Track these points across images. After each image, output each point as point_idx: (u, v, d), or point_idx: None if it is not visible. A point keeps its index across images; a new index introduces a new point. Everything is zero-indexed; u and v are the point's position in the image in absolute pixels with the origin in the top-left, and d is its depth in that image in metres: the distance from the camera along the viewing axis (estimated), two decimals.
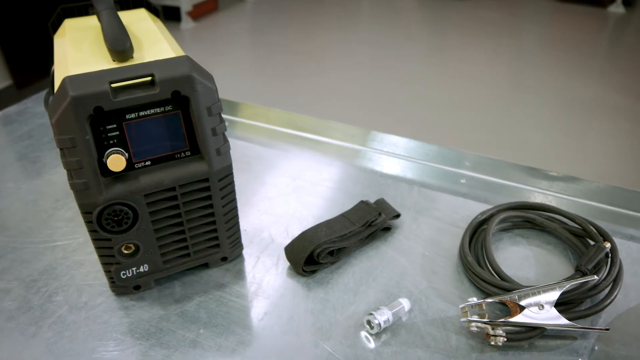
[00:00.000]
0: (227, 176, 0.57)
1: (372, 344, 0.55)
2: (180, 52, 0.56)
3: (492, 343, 0.54)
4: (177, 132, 0.53)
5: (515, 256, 0.66)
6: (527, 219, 0.70)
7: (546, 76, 3.25)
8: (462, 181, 0.80)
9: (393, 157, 0.86)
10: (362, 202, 0.69)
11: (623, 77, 3.24)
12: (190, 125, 0.54)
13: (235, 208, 0.61)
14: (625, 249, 0.68)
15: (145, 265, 0.59)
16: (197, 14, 4.17)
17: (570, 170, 2.26)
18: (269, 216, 0.72)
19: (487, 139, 2.54)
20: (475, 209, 0.73)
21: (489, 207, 0.71)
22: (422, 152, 0.86)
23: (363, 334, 0.56)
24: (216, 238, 0.61)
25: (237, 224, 0.62)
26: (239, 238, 0.64)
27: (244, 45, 3.70)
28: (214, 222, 0.59)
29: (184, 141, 0.54)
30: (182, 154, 0.55)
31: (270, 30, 3.96)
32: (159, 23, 0.67)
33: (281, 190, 0.77)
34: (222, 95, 0.76)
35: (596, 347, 0.56)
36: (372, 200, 0.72)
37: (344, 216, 0.67)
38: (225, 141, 0.55)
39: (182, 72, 0.50)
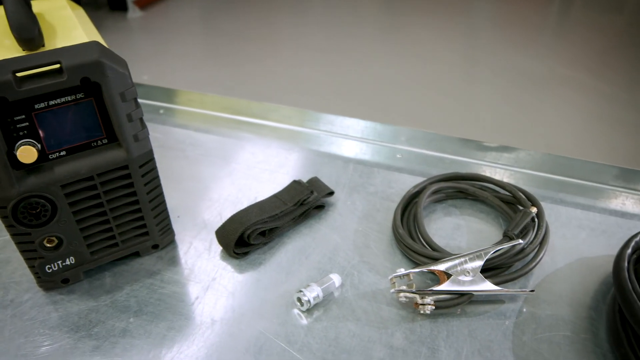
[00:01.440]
0: (148, 162, 0.56)
1: (303, 321, 0.55)
2: (99, 40, 0.54)
3: (422, 312, 0.54)
4: (91, 120, 0.52)
5: (448, 226, 0.67)
6: (460, 189, 0.70)
7: (497, 52, 3.29)
8: (398, 156, 0.80)
9: (329, 135, 0.85)
10: (294, 181, 0.69)
11: (571, 50, 3.30)
12: (105, 112, 0.52)
13: (161, 194, 0.60)
14: (555, 213, 0.70)
15: (71, 257, 0.57)
16: (145, 2, 4.08)
17: (522, 143, 2.31)
18: (202, 201, 0.71)
19: (440, 116, 2.57)
20: (410, 182, 0.73)
21: (424, 180, 0.72)
22: (358, 129, 0.86)
23: (295, 311, 0.56)
24: (144, 226, 0.60)
25: (165, 210, 0.61)
26: (168, 225, 0.63)
27: (194, 33, 3.65)
28: (139, 210, 0.58)
29: (100, 129, 0.53)
30: (99, 142, 0.53)
31: (221, 17, 3.90)
32: (80, 11, 0.65)
33: (215, 174, 0.76)
34: (174, 84, 0.75)
35: (524, 309, 0.57)
36: (306, 179, 0.71)
37: (275, 196, 0.67)
38: (143, 127, 0.54)
39: (91, 58, 0.49)
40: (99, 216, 0.57)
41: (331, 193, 0.69)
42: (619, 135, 2.43)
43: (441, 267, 0.55)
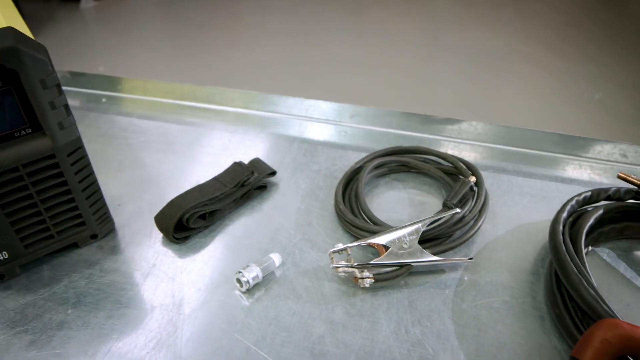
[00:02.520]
0: (76, 150, 0.54)
1: (244, 302, 0.54)
2: (20, 27, 0.52)
3: (361, 286, 0.54)
4: (12, 109, 0.50)
5: (391, 200, 0.67)
6: (402, 162, 0.71)
7: (457, 30, 3.31)
8: (343, 133, 0.80)
9: (274, 116, 0.85)
10: (235, 163, 0.68)
11: (528, 26, 3.34)
12: (26, 100, 0.50)
13: (95, 183, 0.58)
14: (496, 182, 0.70)
15: (4, 252, 0.56)
16: None
17: (479, 118, 2.33)
18: (145, 188, 0.70)
19: (399, 94, 2.57)
20: (354, 159, 0.73)
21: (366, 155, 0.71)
22: (302, 108, 0.85)
23: (236, 293, 0.55)
24: (80, 216, 0.59)
25: (101, 198, 0.60)
26: (106, 213, 0.62)
27: (151, 22, 3.58)
28: (73, 200, 0.57)
29: (22, 118, 0.51)
30: (22, 132, 0.52)
31: (178, 4, 3.83)
32: (6, 1, 0.63)
33: (158, 160, 0.75)
34: (132, 74, 0.72)
35: (465, 278, 0.57)
36: (250, 161, 0.71)
37: (216, 179, 0.66)
38: (69, 114, 0.53)
39: (5, 45, 0.47)
40: (30, 208, 0.55)
41: (273, 173, 0.69)
42: (574, 108, 2.47)
43: (379, 240, 0.55)
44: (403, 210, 0.65)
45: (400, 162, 0.71)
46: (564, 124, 2.30)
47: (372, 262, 0.54)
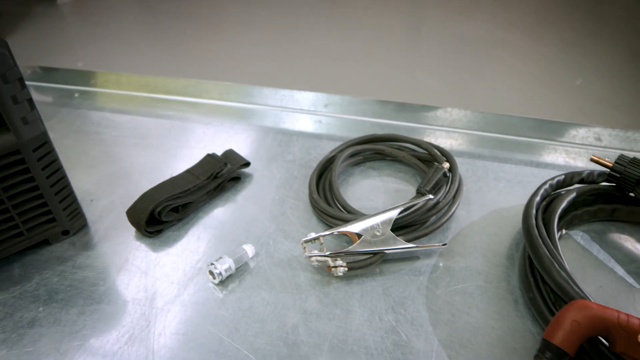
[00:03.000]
0: (42, 145, 0.54)
1: (217, 294, 0.54)
2: None
3: (335, 274, 0.54)
4: None
5: (365, 188, 0.67)
6: (377, 150, 0.70)
7: (438, 18, 3.30)
8: (318, 123, 0.79)
9: (249, 107, 0.84)
10: (208, 155, 0.67)
11: (509, 14, 3.34)
12: None
13: (64, 178, 0.58)
14: (472, 167, 0.70)
15: None
16: None
17: (461, 106, 2.33)
18: (118, 183, 0.69)
19: (382, 83, 2.57)
20: (329, 148, 0.73)
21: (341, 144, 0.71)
22: (276, 98, 0.84)
23: (209, 285, 0.55)
24: (49, 212, 0.58)
25: (71, 194, 0.59)
26: (77, 209, 0.61)
27: (130, 16, 3.54)
28: (41, 196, 0.56)
29: None
30: None
31: None
32: None
33: (131, 155, 0.74)
34: (112, 69, 0.71)
35: (440, 264, 0.57)
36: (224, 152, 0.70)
37: (188, 171, 0.65)
38: (32, 108, 0.52)
39: None
40: None
41: (247, 164, 0.68)
42: (555, 94, 2.48)
43: (351, 228, 0.55)
44: (378, 198, 0.65)
45: (375, 150, 0.70)
46: (545, 110, 2.31)
47: (344, 250, 0.54)
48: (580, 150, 0.77)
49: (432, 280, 0.55)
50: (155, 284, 0.55)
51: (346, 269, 0.53)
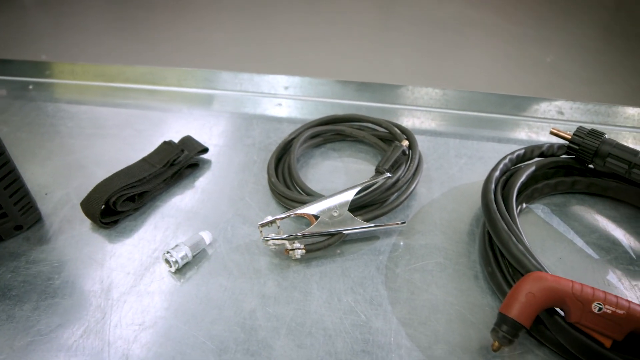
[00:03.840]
0: None
1: (174, 282, 0.53)
2: None
3: (293, 257, 0.53)
4: None
5: (326, 170, 0.66)
6: (337, 131, 0.69)
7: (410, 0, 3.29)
8: (278, 106, 0.78)
9: (208, 92, 0.82)
10: (164, 142, 0.66)
11: None
12: None
13: (12, 172, 0.56)
14: (433, 145, 0.70)
15: None
16: None
17: (436, 85, 2.33)
18: (73, 175, 0.67)
19: (354, 66, 2.56)
20: (289, 131, 0.72)
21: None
22: (235, 82, 0.83)
23: (167, 273, 0.54)
24: None
25: (21, 188, 0.57)
26: (30, 203, 0.59)
27: (95, 6, 3.47)
28: None
29: None
30: None
31: None
32: None
33: (87, 146, 0.72)
34: (77, 60, 0.69)
35: (401, 243, 0.57)
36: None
37: (144, 160, 0.64)
38: None
39: None
40: None
41: (205, 150, 0.67)
42: (526, 71, 2.50)
43: (308, 210, 0.54)
44: (338, 179, 0.65)
45: (335, 131, 0.69)
46: (515, 88, 2.32)
47: (301, 232, 0.53)
48: (543, 125, 0.77)
49: (392, 259, 0.55)
50: (111, 275, 0.54)
51: (304, 251, 0.53)
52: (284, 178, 0.62)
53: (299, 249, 0.52)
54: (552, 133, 0.64)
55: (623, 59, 2.62)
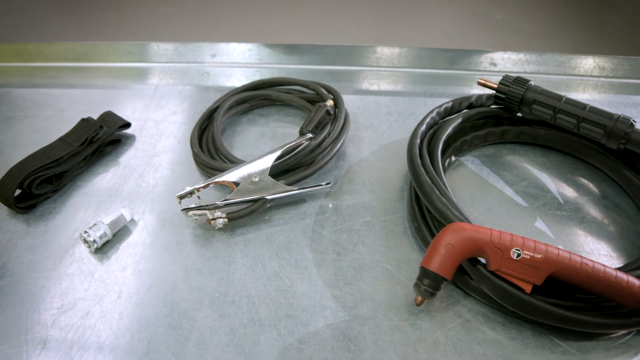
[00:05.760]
0: None
1: (95, 262, 0.51)
2: None
3: (216, 227, 0.52)
4: None
5: (252, 136, 0.65)
6: (264, 96, 0.68)
7: None
8: (205, 74, 0.76)
9: (131, 66, 0.79)
10: (82, 119, 0.63)
11: None
12: None
13: None
14: (363, 104, 0.69)
15: None
16: None
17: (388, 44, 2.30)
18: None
19: (304, 29, 2.51)
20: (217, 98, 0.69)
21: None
22: (159, 54, 0.80)
23: (87, 254, 0.52)
24: None
25: None
26: None
27: None
28: None
29: None
30: None
31: None
32: None
33: (2, 129, 0.68)
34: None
35: (330, 205, 0.56)
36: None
37: (61, 139, 0.61)
38: None
39: None
40: None
41: (127, 125, 0.65)
42: (476, 28, 2.49)
43: (227, 177, 0.52)
44: (265, 145, 0.63)
45: (262, 97, 0.68)
46: (464, 46, 2.31)
47: (221, 201, 0.51)
48: (475, 77, 0.77)
49: (319, 221, 0.54)
50: (29, 260, 0.52)
51: (226, 220, 0.51)
52: (208, 147, 0.61)
53: (221, 217, 0.51)
54: (479, 83, 0.64)
55: (572, 13, 2.63)
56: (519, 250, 0.42)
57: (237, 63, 0.79)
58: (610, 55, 0.78)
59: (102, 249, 0.52)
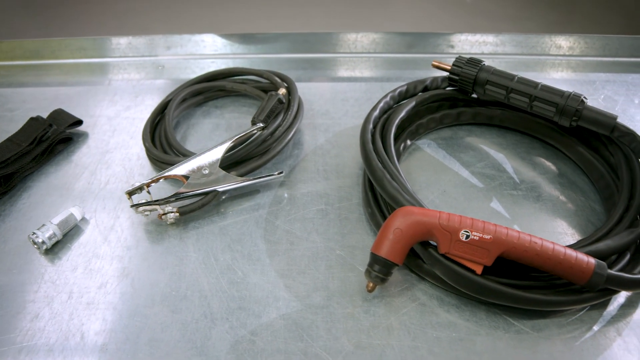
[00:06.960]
0: None
1: (45, 263, 0.50)
2: None
3: (167, 222, 0.51)
4: None
5: (206, 128, 0.64)
6: (218, 87, 0.67)
7: None
8: (160, 68, 0.75)
9: (84, 62, 0.78)
10: (31, 118, 0.62)
11: None
12: None
13: None
14: (319, 92, 0.69)
15: None
16: None
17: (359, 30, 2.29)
18: None
19: (273, 17, 2.49)
20: None
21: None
22: (112, 48, 0.79)
23: (37, 256, 0.51)
24: None
25: None
26: None
27: None
28: None
29: None
30: None
31: None
32: None
33: None
34: None
35: (285, 195, 0.55)
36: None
37: (9, 140, 0.60)
38: None
39: None
40: None
41: (78, 122, 0.63)
42: (445, 11, 2.49)
43: (176, 171, 0.52)
44: (219, 137, 0.62)
45: (216, 88, 0.67)
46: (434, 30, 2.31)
47: (171, 195, 0.51)
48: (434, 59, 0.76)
49: (272, 212, 0.53)
50: None
51: (177, 214, 0.50)
52: (161, 142, 0.60)
53: (172, 212, 0.50)
54: (433, 66, 0.63)
55: None
56: (467, 232, 0.42)
57: (193, 55, 0.77)
58: (567, 34, 0.78)
59: (53, 249, 0.51)
